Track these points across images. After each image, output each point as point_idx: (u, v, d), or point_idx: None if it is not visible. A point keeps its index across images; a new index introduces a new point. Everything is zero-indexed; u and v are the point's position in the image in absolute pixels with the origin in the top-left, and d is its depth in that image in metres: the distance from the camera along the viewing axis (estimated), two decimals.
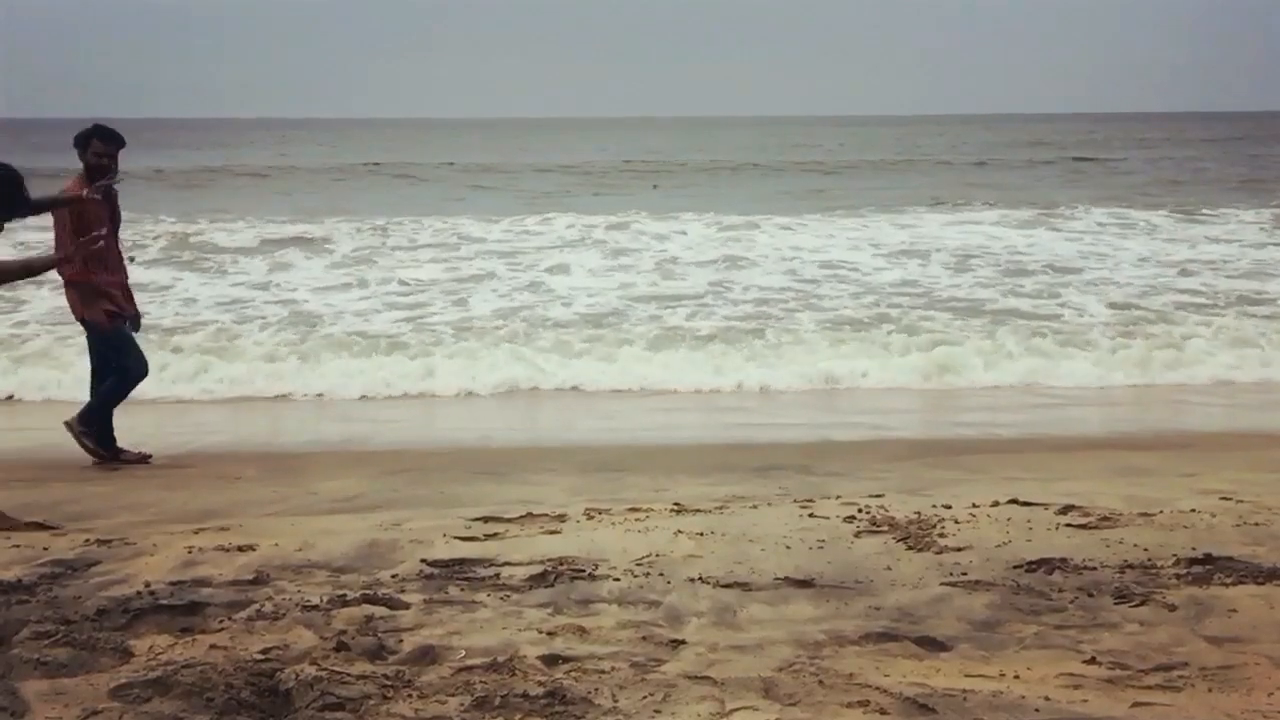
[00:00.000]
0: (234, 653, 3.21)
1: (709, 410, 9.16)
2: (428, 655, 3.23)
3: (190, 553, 4.20)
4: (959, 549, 4.16)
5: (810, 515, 4.72)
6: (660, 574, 3.92)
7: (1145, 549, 4.12)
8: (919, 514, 4.65)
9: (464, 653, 3.24)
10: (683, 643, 3.33)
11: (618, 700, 2.93)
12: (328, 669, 3.09)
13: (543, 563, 4.04)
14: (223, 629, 3.42)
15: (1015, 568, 3.94)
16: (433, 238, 18.70)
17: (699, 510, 4.92)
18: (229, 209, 23.59)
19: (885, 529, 4.45)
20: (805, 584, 3.82)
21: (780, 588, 3.80)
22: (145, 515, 5.40)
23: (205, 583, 3.84)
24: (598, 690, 2.98)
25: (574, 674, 3.09)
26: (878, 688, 3.00)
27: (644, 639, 3.36)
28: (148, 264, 15.26)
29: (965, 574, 3.89)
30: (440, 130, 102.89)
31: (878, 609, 3.59)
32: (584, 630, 3.43)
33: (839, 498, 5.21)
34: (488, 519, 4.82)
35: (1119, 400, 9.49)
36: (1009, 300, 13.19)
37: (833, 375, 9.98)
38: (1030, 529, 4.42)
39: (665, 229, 19.62)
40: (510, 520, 4.79)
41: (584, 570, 3.95)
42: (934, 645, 3.33)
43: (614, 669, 3.13)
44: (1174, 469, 6.15)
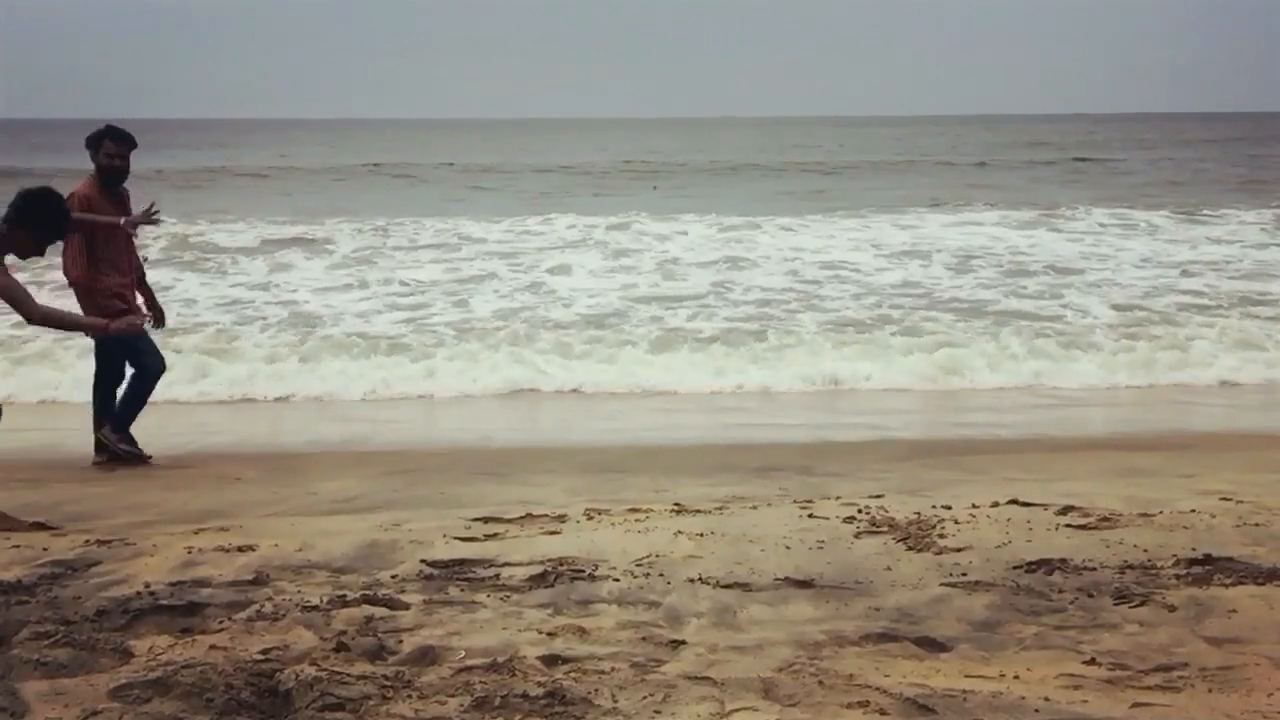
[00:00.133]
0: (234, 653, 3.21)
1: (709, 411, 9.15)
2: (428, 656, 3.23)
3: (190, 553, 4.20)
4: (959, 549, 4.16)
5: (810, 516, 4.72)
6: (660, 574, 3.92)
7: (1145, 549, 4.12)
8: (919, 514, 4.65)
9: (464, 653, 3.24)
10: (683, 643, 3.33)
11: (618, 701, 2.93)
12: (328, 669, 3.09)
13: (543, 563, 4.04)
14: (223, 629, 3.42)
15: (1015, 568, 3.94)
16: (433, 238, 18.69)
17: (699, 511, 4.92)
18: (229, 209, 23.56)
19: (885, 530, 4.45)
20: (805, 584, 3.82)
21: (780, 588, 3.80)
22: (145, 516, 5.41)
23: (205, 583, 3.84)
24: (598, 691, 2.98)
25: (574, 674, 3.09)
26: (878, 688, 3.00)
27: (644, 639, 3.36)
28: (148, 265, 15.21)
29: (965, 574, 3.89)
30: (440, 130, 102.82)
31: (877, 609, 3.59)
32: (584, 631, 3.43)
33: (839, 498, 5.21)
34: (488, 519, 4.83)
35: (1119, 401, 9.49)
36: (1011, 301, 13.15)
37: (837, 377, 9.95)
38: (1030, 529, 4.42)
39: (666, 229, 19.60)
40: (510, 521, 4.79)
41: (584, 571, 3.95)
42: (934, 646, 3.34)
43: (614, 669, 3.13)
44: (1174, 469, 6.15)
